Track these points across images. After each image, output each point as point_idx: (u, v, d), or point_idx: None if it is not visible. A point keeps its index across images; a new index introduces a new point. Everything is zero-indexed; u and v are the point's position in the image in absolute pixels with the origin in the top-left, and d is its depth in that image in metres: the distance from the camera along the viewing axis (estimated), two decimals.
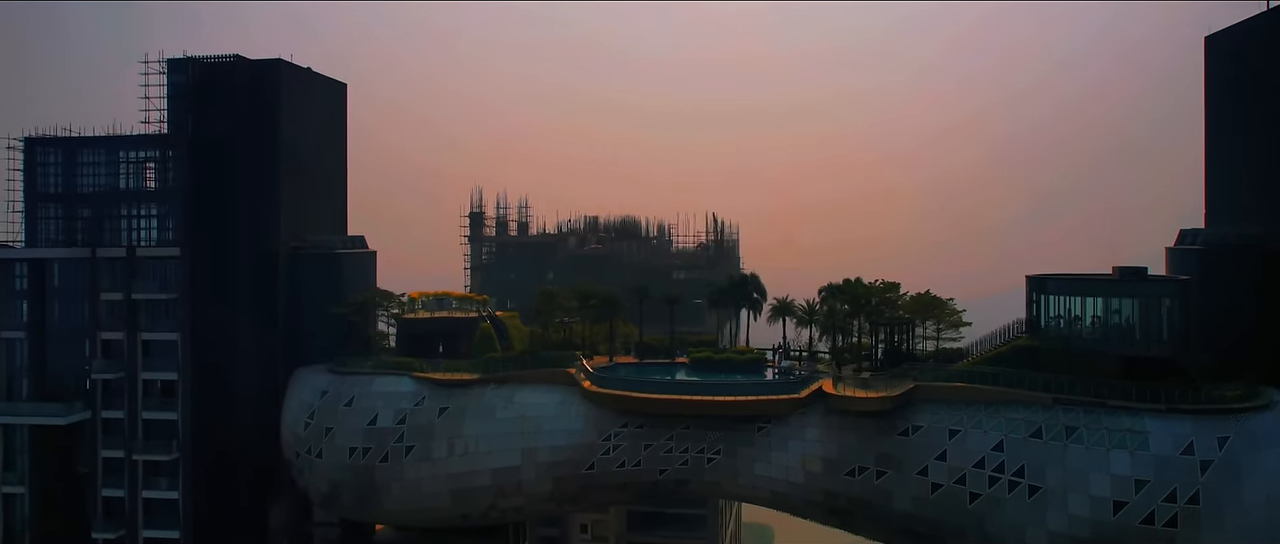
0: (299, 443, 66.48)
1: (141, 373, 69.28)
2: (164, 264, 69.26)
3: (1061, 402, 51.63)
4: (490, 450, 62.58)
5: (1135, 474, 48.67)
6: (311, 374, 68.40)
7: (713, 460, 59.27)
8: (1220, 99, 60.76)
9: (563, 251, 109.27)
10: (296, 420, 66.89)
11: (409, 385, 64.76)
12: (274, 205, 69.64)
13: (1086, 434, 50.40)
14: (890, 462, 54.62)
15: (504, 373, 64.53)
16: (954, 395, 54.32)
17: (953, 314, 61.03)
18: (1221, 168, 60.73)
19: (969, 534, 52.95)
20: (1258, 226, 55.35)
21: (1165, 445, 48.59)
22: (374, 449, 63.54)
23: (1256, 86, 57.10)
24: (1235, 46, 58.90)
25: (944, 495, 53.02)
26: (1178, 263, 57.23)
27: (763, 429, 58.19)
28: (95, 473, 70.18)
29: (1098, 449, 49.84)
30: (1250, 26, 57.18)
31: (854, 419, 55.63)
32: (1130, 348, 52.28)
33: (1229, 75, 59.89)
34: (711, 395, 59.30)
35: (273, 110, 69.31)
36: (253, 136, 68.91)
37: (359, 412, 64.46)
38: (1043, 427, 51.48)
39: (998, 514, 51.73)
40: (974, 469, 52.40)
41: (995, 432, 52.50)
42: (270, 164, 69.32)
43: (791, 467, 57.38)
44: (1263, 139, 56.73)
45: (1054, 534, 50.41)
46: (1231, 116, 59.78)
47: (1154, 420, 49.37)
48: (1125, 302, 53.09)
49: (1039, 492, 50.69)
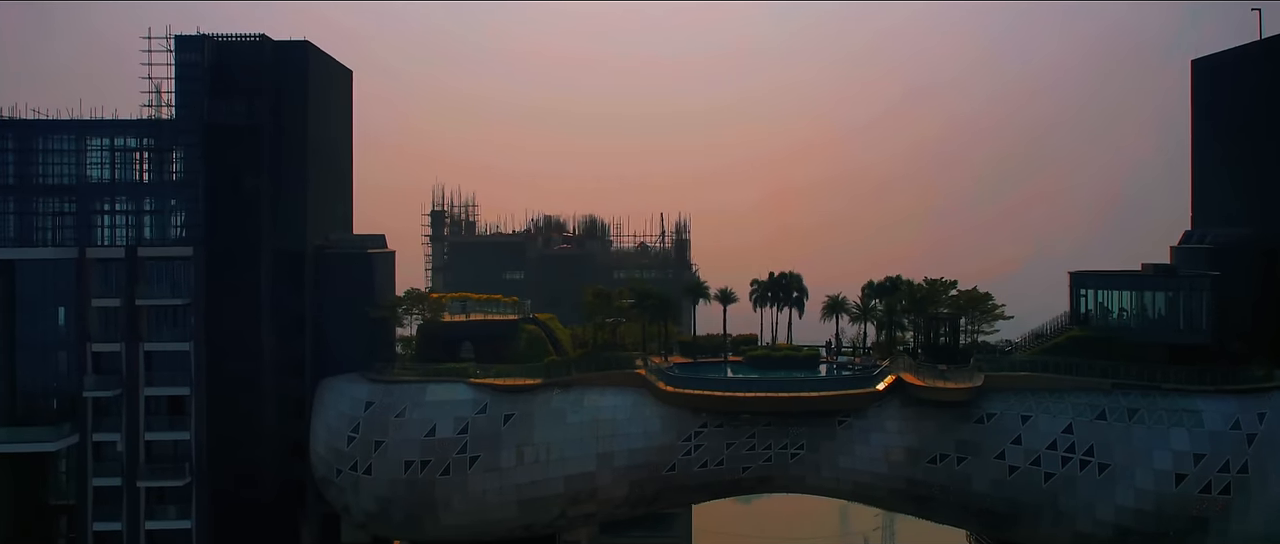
0: (340, 459, 61.01)
1: (144, 389, 60.95)
2: (171, 265, 61.33)
3: (1119, 386, 56.76)
4: (563, 457, 60.33)
5: (1193, 449, 54.44)
6: (347, 384, 62.93)
7: (797, 455, 60.27)
8: (1207, 117, 69.08)
9: (532, 251, 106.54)
10: (336, 435, 61.35)
11: (467, 392, 61.13)
12: (301, 200, 63.52)
13: (1147, 415, 55.76)
14: (969, 448, 57.87)
15: (569, 376, 62.33)
16: (1021, 384, 58.30)
17: (995, 308, 65.34)
18: (1208, 177, 69.07)
19: (1043, 512, 57.10)
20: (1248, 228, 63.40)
21: (1217, 422, 54.71)
22: (434, 461, 59.52)
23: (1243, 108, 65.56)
24: (1221, 71, 67.22)
25: (1020, 477, 56.85)
26: (1185, 260, 64.53)
27: (843, 423, 59.90)
28: (84, 505, 61.06)
29: (1158, 428, 55.28)
30: (1239, 54, 65.56)
31: (932, 409, 58.46)
32: (1174, 336, 58.46)
33: (1214, 98, 68.24)
34: (792, 391, 60.23)
35: (300, 96, 63.17)
36: (278, 124, 62.43)
37: (414, 422, 60.12)
38: (1105, 409, 56.39)
39: (1070, 492, 56.12)
40: (1047, 450, 56.55)
41: (1063, 416, 56.91)
42: (299, 155, 63.17)
43: (875, 458, 59.45)
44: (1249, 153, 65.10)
45: (1121, 508, 55.39)
46: (1217, 133, 68.13)
47: (1204, 400, 55.42)
48: (1165, 295, 59.28)
49: (1108, 469, 55.49)
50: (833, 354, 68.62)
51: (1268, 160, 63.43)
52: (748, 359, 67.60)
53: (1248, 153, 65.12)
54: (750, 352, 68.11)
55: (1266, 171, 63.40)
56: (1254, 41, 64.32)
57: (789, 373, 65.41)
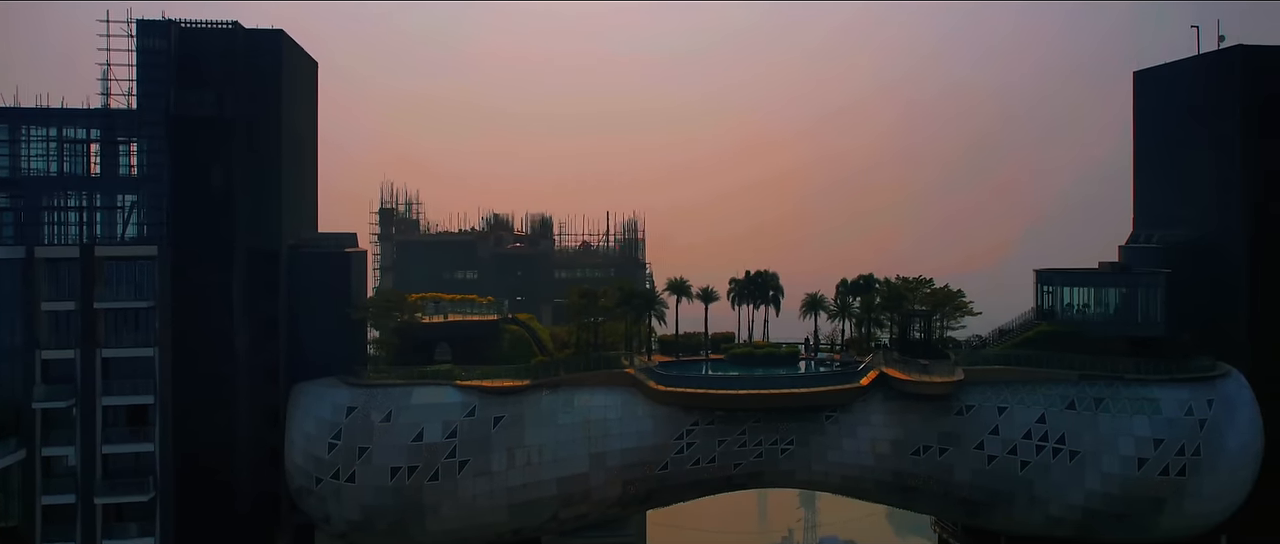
0: (320, 467, 58.20)
1: (102, 398, 56.51)
2: (134, 266, 57.04)
3: (1086, 377, 60.04)
4: (555, 458, 59.42)
5: (1153, 435, 58.18)
6: (325, 389, 60.08)
7: (788, 451, 61.18)
8: (1148, 125, 73.93)
9: (485, 250, 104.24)
10: (315, 442, 58.48)
11: (455, 395, 59.36)
12: (275, 197, 60.25)
13: (1111, 404, 59.22)
14: (950, 439, 60.11)
15: (558, 377, 61.37)
16: (997, 377, 60.93)
17: (964, 305, 68.02)
18: (1149, 181, 73.93)
19: (1018, 498, 59.87)
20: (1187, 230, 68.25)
21: (1173, 409, 58.62)
22: (422, 467, 57.59)
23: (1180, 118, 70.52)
24: (1161, 83, 72.11)
25: (998, 465, 59.46)
26: (1134, 258, 68.93)
27: (830, 418, 61.19)
28: (32, 525, 56.13)
29: (1122, 416, 58.81)
30: (1177, 68, 70.48)
31: (915, 403, 60.41)
32: (1133, 329, 62.33)
33: (1155, 107, 73.10)
34: (783, 388, 61.11)
35: (275, 87, 59.88)
36: (251, 116, 58.99)
37: (401, 427, 57.96)
38: (1074, 399, 59.59)
39: (1043, 479, 59.05)
40: (1022, 440, 59.35)
41: (1036, 406, 59.83)
42: (273, 149, 59.88)
43: (862, 451, 60.97)
44: (1186, 160, 70.07)
45: (1090, 492, 58.65)
46: (1157, 140, 73.01)
47: (1162, 389, 59.28)
48: (1123, 291, 63.16)
49: (1078, 456, 58.68)
50: (811, 351, 69.94)
51: (1203, 167, 68.39)
52: (730, 357, 68.17)
53: (1185, 160, 70.03)
54: (733, 349, 68.70)
55: (1202, 178, 68.33)
56: (1191, 57, 69.18)
57: (770, 370, 66.32)
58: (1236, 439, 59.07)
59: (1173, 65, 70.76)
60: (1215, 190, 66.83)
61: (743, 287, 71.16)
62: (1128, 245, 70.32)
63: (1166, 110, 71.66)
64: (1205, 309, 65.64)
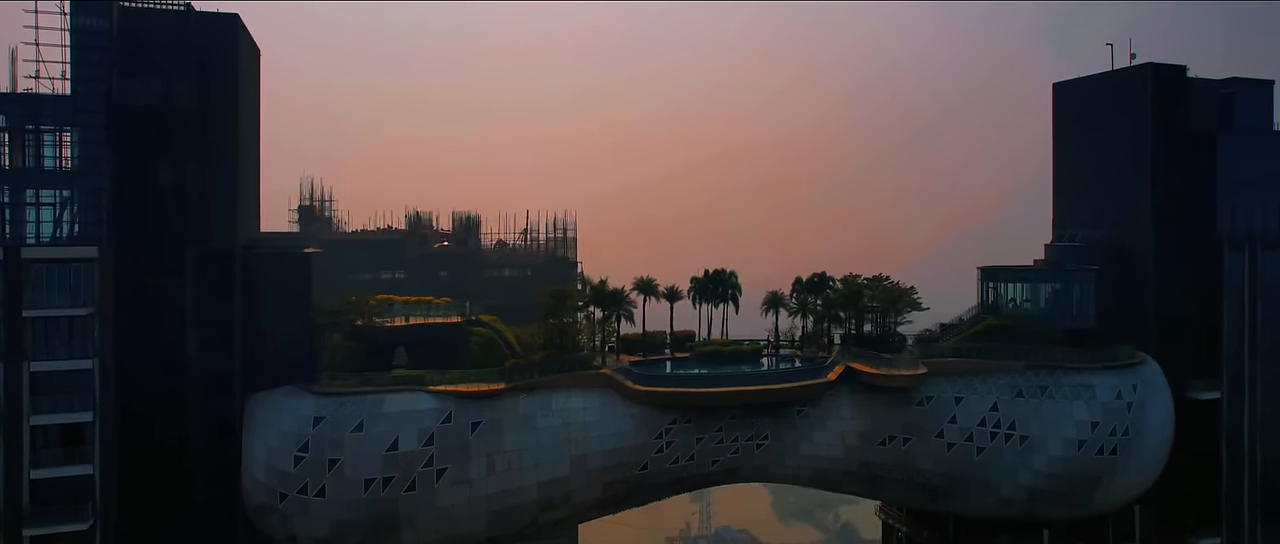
0: (285, 482, 54.26)
1: (30, 417, 50.40)
2: (69, 269, 51.12)
3: (1031, 367, 64.22)
4: (536, 463, 57.96)
5: (1091, 418, 62.94)
6: (287, 399, 56.02)
7: (762, 446, 62.17)
8: (1065, 133, 79.84)
9: (412, 250, 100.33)
10: (279, 456, 54.45)
11: (429, 401, 56.71)
12: (230, 194, 55.54)
13: (1054, 391, 63.63)
14: (913, 429, 62.88)
15: (533, 380, 59.83)
16: (953, 369, 64.20)
17: (914, 302, 71.19)
18: (1066, 184, 79.88)
19: (974, 483, 63.37)
20: (1102, 231, 74.32)
21: (1107, 394, 63.63)
22: (398, 477, 54.78)
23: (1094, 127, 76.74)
24: (1077, 95, 78.14)
25: (957, 452, 62.72)
26: (1059, 256, 74.30)
27: (801, 412, 62.67)
28: None
29: (1064, 402, 63.30)
30: (1092, 81, 76.58)
31: (880, 395, 62.79)
32: (1069, 322, 67.14)
33: (1071, 117, 79.08)
34: (759, 385, 62.04)
35: (230, 76, 55.18)
36: (203, 106, 54.15)
37: (374, 436, 54.87)
38: (1022, 388, 63.62)
39: (997, 463, 62.75)
40: (978, 428, 62.84)
41: (989, 396, 63.49)
42: (228, 142, 55.13)
43: (832, 443, 62.78)
44: (1099, 166, 76.29)
45: (1037, 474, 62.78)
46: (1074, 147, 78.99)
47: (1096, 376, 64.18)
48: (1058, 286, 68.03)
49: (1027, 440, 62.71)
50: (772, 348, 71.29)
51: (1116, 174, 74.61)
52: (697, 355, 68.48)
53: (1099, 166, 76.19)
54: (699, 347, 69.04)
55: (1115, 184, 74.53)
56: (1105, 72, 75.33)
57: (737, 367, 67.17)
58: (1156, 419, 64.83)
59: (1088, 78, 76.78)
60: (1127, 196, 73.02)
61: (702, 285, 71.64)
62: (1053, 244, 75.69)
63: (1082, 120, 77.66)
64: (1120, 303, 71.60)
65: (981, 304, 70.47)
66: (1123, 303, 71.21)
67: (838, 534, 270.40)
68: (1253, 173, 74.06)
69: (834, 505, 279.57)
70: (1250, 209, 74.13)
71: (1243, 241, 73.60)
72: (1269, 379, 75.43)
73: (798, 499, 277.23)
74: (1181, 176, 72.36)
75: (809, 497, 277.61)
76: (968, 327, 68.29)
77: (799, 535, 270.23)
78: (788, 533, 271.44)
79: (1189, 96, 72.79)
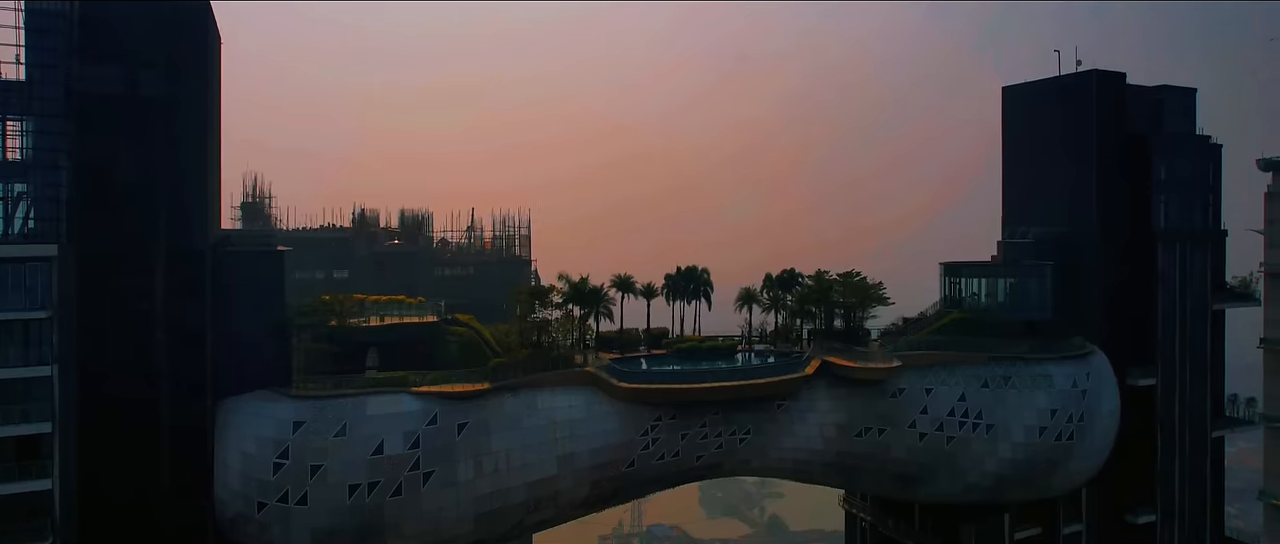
0: (263, 491, 51.77)
1: None
2: (23, 269, 47.24)
3: (995, 359, 66.95)
4: (524, 463, 56.99)
5: (1050, 406, 66.08)
6: (262, 403, 53.43)
7: (745, 440, 62.82)
8: (1014, 134, 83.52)
9: (361, 248, 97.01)
10: (256, 463, 51.91)
11: (414, 403, 55.02)
12: (201, 189, 52.43)
13: (1017, 381, 66.50)
14: (887, 420, 64.69)
15: (516, 379, 58.82)
16: (923, 361, 66.34)
17: (882, 297, 73.20)
18: (1014, 183, 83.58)
19: (943, 471, 65.65)
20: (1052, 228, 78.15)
21: (1064, 383, 66.93)
22: (384, 482, 53.00)
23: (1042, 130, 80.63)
24: (1026, 98, 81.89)
25: (928, 442, 64.87)
26: (1012, 251, 77.73)
27: (781, 407, 63.67)
28: None
29: (1026, 391, 66.24)
30: (1040, 85, 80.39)
31: (856, 388, 64.37)
32: (1027, 314, 70.21)
33: (1020, 119, 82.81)
34: (742, 380, 62.64)
35: (202, 65, 52.08)
36: (172, 95, 50.96)
37: (358, 440, 52.93)
38: (987, 379, 66.27)
39: (965, 451, 65.20)
40: (948, 418, 65.15)
41: (957, 387, 65.87)
42: (198, 134, 52.04)
43: (811, 436, 63.95)
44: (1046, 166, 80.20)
45: (1002, 460, 65.53)
46: (1023, 148, 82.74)
47: (1054, 366, 67.39)
48: (1016, 281, 71.14)
49: (992, 428, 65.37)
50: (747, 344, 72.06)
51: (1063, 175, 78.58)
52: (674, 352, 68.61)
53: (1047, 166, 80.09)
54: (677, 344, 69.17)
55: (1063, 183, 78.52)
56: (1052, 77, 79.21)
57: (714, 363, 67.65)
58: (1106, 406, 68.61)
59: (1036, 83, 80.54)
60: (1074, 195, 77.01)
61: (675, 281, 71.87)
62: (1006, 241, 79.09)
63: (1030, 122, 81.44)
64: (1068, 295, 75.40)
65: (944, 298, 73.04)
66: (1070, 296, 74.97)
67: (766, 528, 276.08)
68: (1181, 174, 79.20)
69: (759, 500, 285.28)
70: (1179, 208, 79.29)
71: (1174, 239, 78.60)
72: (1195, 366, 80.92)
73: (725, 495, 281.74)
74: (1122, 177, 76.81)
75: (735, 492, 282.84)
76: (933, 320, 70.62)
77: (727, 530, 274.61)
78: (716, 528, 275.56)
79: (1127, 102, 77.26)
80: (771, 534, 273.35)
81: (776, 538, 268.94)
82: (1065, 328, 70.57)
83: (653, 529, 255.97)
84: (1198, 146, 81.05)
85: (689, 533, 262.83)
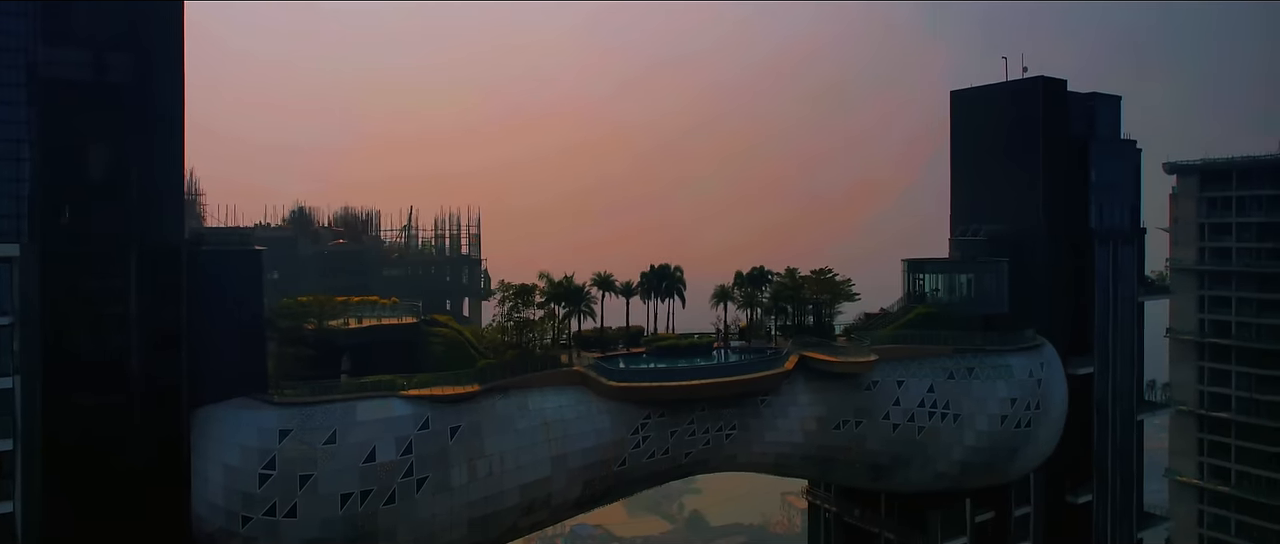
0: (248, 505, 48.90)
1: None
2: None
3: (959, 351, 69.88)
4: (518, 466, 55.85)
5: (1011, 395, 69.48)
6: (243, 412, 50.41)
7: (731, 436, 63.42)
8: (961, 136, 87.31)
9: (304, 248, 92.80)
10: (240, 476, 48.98)
11: (404, 407, 53.08)
12: (175, 182, 49.02)
13: (980, 372, 69.62)
14: (863, 413, 66.60)
15: (506, 380, 57.62)
16: (894, 355, 68.59)
17: (850, 293, 75.23)
18: (962, 183, 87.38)
19: (914, 460, 68.06)
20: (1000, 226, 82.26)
21: (1022, 373, 70.46)
22: (377, 490, 50.97)
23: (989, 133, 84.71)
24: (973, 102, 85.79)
25: (901, 432, 67.12)
26: (965, 248, 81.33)
27: (764, 402, 64.65)
28: None
29: (988, 381, 69.42)
30: (987, 90, 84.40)
31: (833, 382, 65.99)
32: (986, 308, 73.58)
33: (968, 122, 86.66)
34: (728, 377, 63.20)
35: (177, 50, 48.53)
36: (142, 81, 47.46)
37: (349, 447, 50.68)
38: (953, 370, 69.12)
39: (934, 440, 67.78)
40: (918, 408, 67.55)
41: (926, 378, 68.42)
42: (173, 124, 48.57)
43: (793, 429, 65.15)
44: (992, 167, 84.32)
45: (967, 448, 68.43)
46: (970, 149, 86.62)
47: (1012, 357, 70.87)
48: (974, 276, 74.51)
49: (959, 418, 68.23)
50: (722, 341, 72.70)
51: (1010, 176, 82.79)
52: (654, 350, 68.55)
53: (994, 168, 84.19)
54: (656, 342, 69.11)
55: (1010, 184, 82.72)
56: (1000, 83, 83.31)
57: (692, 360, 68.01)
58: (1057, 394, 72.64)
59: (984, 88, 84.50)
60: (1021, 194, 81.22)
61: (649, 279, 71.89)
62: (959, 238, 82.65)
63: (978, 126, 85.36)
64: (1017, 289, 79.52)
65: (908, 294, 75.72)
66: (1019, 290, 79.04)
67: (686, 524, 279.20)
68: (1113, 177, 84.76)
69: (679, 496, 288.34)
70: (1111, 208, 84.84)
71: (1107, 237, 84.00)
72: (1124, 355, 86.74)
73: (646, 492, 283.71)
74: (1064, 178, 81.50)
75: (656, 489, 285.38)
76: (900, 315, 73.11)
77: (649, 527, 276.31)
78: (638, 525, 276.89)
79: (1067, 107, 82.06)
80: (691, 530, 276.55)
81: (696, 534, 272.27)
82: (1016, 320, 74.32)
83: (576, 529, 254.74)
84: (1125, 150, 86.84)
85: (611, 532, 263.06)
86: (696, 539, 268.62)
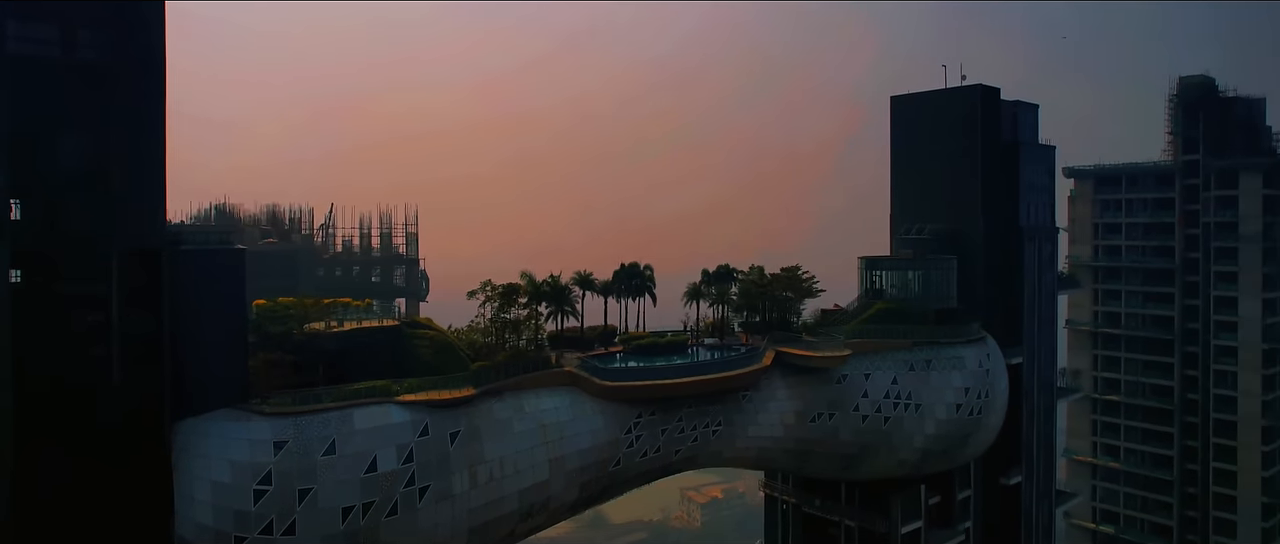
0: (242, 524, 45.50)
1: None
2: None
3: (917, 344, 73.34)
4: (517, 470, 54.54)
5: (964, 385, 73.58)
6: (229, 424, 46.83)
7: (717, 432, 64.10)
8: (901, 141, 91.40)
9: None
10: (232, 493, 45.52)
11: (402, 413, 50.81)
12: (158, 176, 44.78)
13: (937, 364, 73.33)
14: (836, 405, 68.83)
15: (499, 382, 56.19)
16: (860, 349, 71.33)
17: (814, 289, 77.41)
18: (902, 184, 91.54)
19: (881, 449, 70.91)
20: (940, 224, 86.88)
21: (973, 364, 74.69)
22: (379, 502, 48.66)
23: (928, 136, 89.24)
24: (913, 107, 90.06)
25: (870, 423, 69.82)
26: (912, 246, 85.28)
27: (745, 397, 65.81)
28: None
29: (944, 372, 73.22)
30: (927, 96, 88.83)
31: (807, 376, 67.92)
32: (938, 303, 77.45)
33: (908, 126, 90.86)
34: (711, 374, 63.88)
35: (158, 28, 44.35)
36: (120, 63, 43.20)
37: (349, 458, 48.08)
38: (913, 363, 72.52)
39: (898, 430, 70.87)
40: (884, 400, 70.45)
41: (889, 371, 71.43)
42: (155, 111, 44.46)
43: (773, 424, 66.54)
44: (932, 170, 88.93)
45: (927, 436, 71.82)
46: (910, 153, 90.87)
47: (964, 349, 75.00)
48: (926, 273, 78.35)
49: (920, 408, 71.70)
50: (695, 338, 73.28)
51: (948, 177, 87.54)
52: (630, 348, 68.33)
53: (933, 170, 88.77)
54: (632, 340, 68.93)
55: (948, 185, 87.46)
56: (939, 89, 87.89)
57: (670, 358, 68.35)
58: (1002, 383, 77.45)
59: (923, 94, 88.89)
60: (960, 194, 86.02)
61: (620, 278, 71.70)
62: (905, 236, 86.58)
63: (918, 129, 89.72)
64: (961, 285, 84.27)
65: (865, 290, 78.76)
66: (962, 285, 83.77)
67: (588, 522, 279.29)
68: (1037, 179, 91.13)
69: None
70: (1036, 208, 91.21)
71: (1033, 235, 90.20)
72: (1046, 346, 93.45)
73: None
74: (998, 180, 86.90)
75: None
76: (861, 311, 75.92)
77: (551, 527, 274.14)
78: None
79: (1000, 113, 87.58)
80: (593, 528, 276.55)
81: (598, 531, 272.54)
82: (964, 315, 78.74)
83: None
84: (1046, 154, 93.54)
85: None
86: (598, 536, 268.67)
